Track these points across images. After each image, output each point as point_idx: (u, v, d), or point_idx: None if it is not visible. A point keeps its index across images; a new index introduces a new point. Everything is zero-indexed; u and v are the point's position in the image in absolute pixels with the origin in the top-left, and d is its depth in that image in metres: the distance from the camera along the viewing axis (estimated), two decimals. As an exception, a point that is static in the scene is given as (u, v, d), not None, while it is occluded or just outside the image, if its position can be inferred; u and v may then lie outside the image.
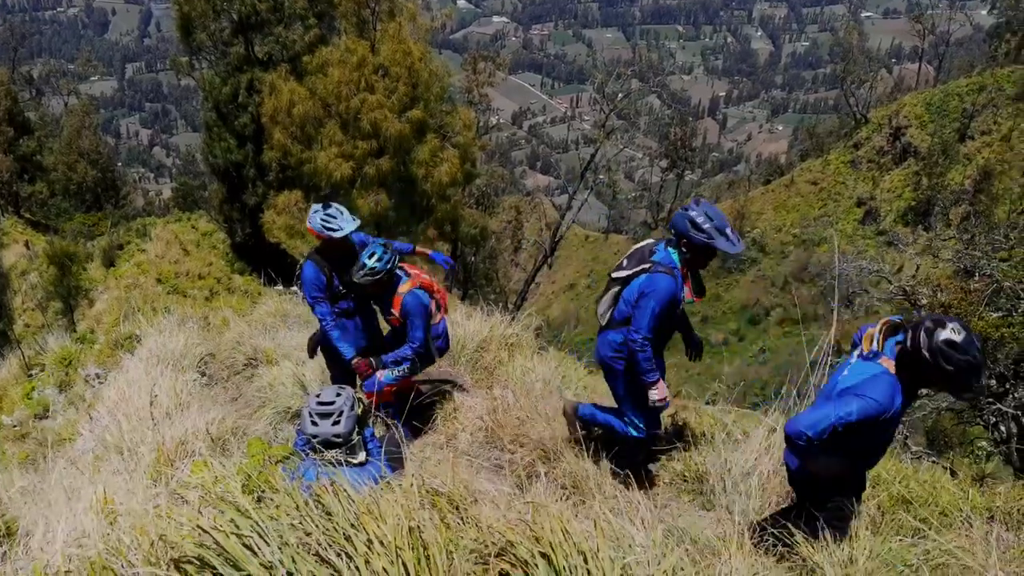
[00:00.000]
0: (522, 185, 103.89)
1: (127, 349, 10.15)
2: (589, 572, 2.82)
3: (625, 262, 5.01)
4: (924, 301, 13.55)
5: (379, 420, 5.93)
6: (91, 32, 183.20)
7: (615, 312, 5.05)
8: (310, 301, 5.85)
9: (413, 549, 2.82)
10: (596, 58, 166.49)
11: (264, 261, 26.28)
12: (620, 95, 41.02)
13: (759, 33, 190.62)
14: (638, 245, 5.09)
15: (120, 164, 65.47)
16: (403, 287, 5.72)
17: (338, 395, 4.05)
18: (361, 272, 5.52)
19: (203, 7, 27.84)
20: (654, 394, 4.89)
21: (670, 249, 4.86)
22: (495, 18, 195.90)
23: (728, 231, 4.71)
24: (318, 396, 4.08)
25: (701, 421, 5.92)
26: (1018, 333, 11.37)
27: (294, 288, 10.57)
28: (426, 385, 6.63)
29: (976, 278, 13.01)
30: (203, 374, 8.34)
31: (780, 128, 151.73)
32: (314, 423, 4.02)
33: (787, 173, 58.10)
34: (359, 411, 4.18)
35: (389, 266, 5.58)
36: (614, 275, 5.05)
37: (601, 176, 51.01)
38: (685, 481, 5.37)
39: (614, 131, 42.34)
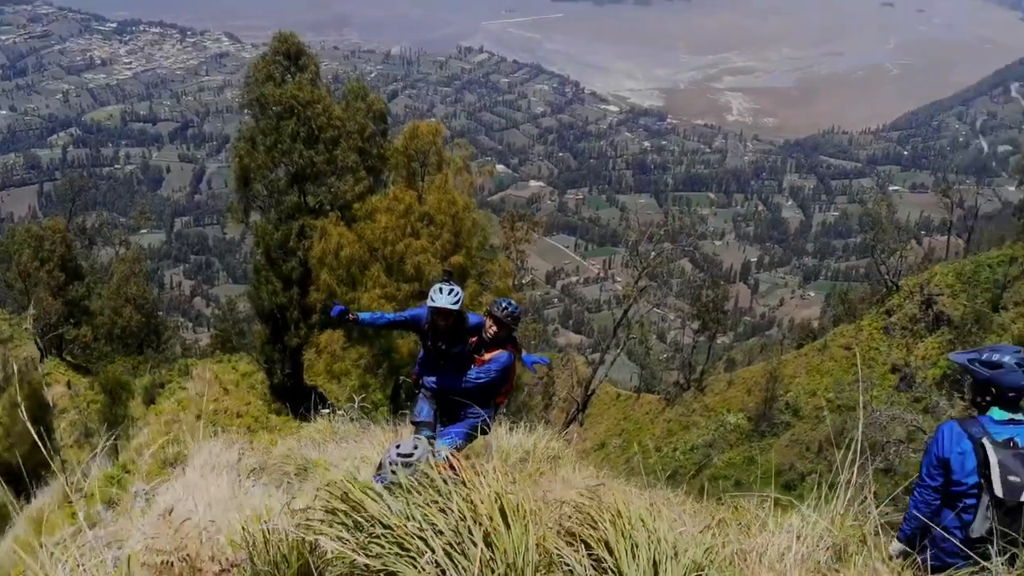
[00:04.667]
0: (554, 342, 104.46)
1: (179, 462, 10.40)
2: None
3: None
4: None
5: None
6: (145, 188, 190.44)
7: None
8: None
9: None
10: (629, 219, 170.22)
11: (301, 402, 26.74)
12: (652, 254, 42.11)
13: (789, 202, 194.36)
14: None
15: (162, 312, 66.96)
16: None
17: (415, 447, 4.33)
18: (502, 310, 6.58)
19: (263, 159, 29.49)
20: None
21: None
22: (532, 183, 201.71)
23: None
24: (398, 447, 4.36)
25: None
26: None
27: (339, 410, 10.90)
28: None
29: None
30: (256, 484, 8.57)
31: (812, 294, 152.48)
32: (393, 472, 4.28)
33: (820, 338, 58.08)
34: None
35: (518, 313, 6.85)
36: None
37: (633, 334, 51.46)
38: None
39: (646, 288, 43.17)
